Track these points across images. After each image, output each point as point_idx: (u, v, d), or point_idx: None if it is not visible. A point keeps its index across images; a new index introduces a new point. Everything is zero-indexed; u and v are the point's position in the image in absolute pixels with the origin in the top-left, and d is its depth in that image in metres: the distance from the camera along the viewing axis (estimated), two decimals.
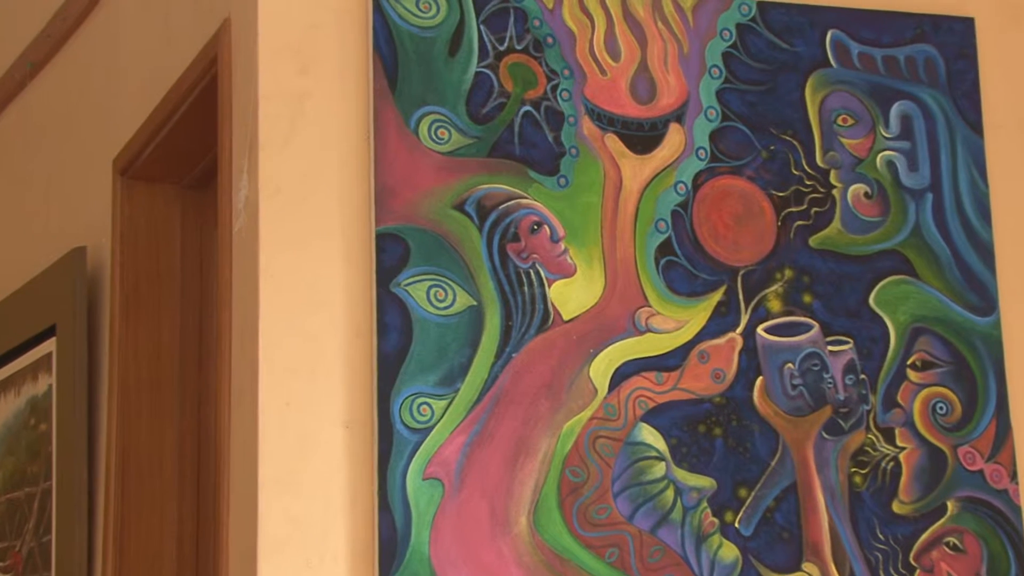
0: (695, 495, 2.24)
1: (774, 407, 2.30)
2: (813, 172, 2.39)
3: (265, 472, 2.10)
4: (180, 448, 2.78)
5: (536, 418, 2.18)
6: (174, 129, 2.63)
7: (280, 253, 2.17)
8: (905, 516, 2.32)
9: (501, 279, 2.21)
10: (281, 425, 2.12)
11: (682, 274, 2.29)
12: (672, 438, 2.24)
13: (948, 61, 2.48)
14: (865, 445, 2.33)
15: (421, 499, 2.12)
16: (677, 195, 2.32)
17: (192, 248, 2.84)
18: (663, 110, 2.34)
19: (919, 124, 2.44)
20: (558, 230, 2.25)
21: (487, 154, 2.24)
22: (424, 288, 2.18)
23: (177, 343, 2.80)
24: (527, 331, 2.20)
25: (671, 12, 2.37)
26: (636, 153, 2.31)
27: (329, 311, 2.17)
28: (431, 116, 2.23)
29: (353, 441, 2.13)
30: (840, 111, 2.41)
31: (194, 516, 2.76)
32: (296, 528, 2.10)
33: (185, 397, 2.79)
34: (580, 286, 2.24)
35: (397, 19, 2.24)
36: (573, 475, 2.18)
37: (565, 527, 2.17)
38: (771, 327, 2.32)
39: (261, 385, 2.13)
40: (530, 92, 2.28)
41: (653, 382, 2.25)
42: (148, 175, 2.81)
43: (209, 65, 2.42)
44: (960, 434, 2.37)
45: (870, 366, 2.35)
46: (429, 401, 2.14)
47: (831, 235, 2.38)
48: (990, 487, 2.36)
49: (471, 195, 2.22)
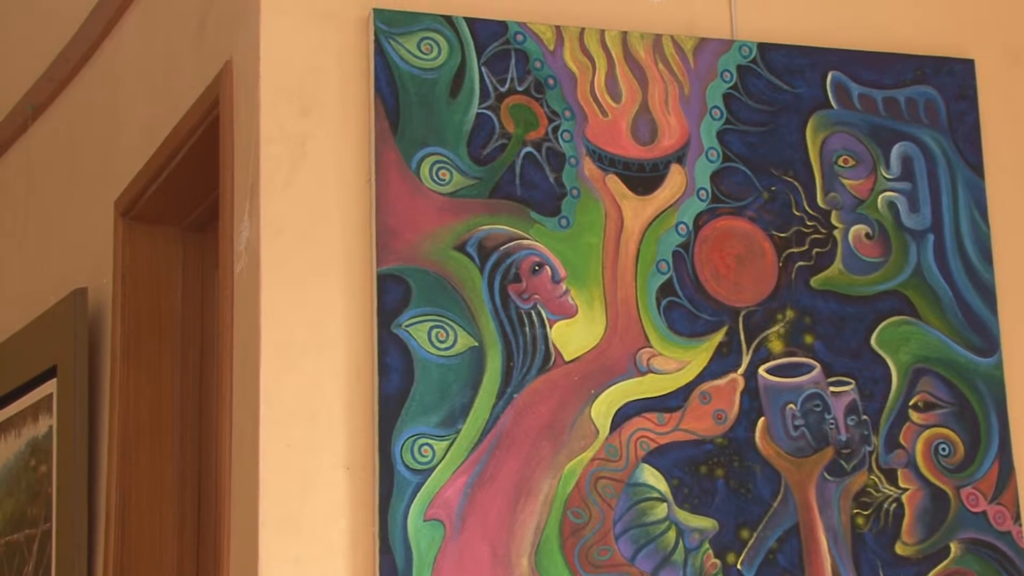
0: (697, 536, 2.23)
1: (776, 448, 2.30)
2: (814, 213, 2.39)
3: (266, 514, 2.10)
4: (180, 490, 2.77)
5: (537, 459, 2.18)
6: (176, 171, 2.64)
7: (281, 294, 2.17)
8: (908, 558, 2.32)
9: (502, 320, 2.21)
10: (282, 467, 2.12)
11: (683, 315, 2.29)
12: (674, 479, 2.24)
13: (949, 102, 2.49)
14: (867, 486, 2.32)
15: (422, 541, 2.11)
16: (678, 236, 2.33)
17: (193, 289, 2.84)
18: (664, 151, 2.34)
19: (920, 165, 2.45)
20: (559, 271, 2.25)
21: (488, 195, 2.25)
22: (425, 329, 2.17)
23: (178, 384, 2.80)
24: (528, 372, 2.20)
25: (672, 53, 2.37)
26: (637, 194, 2.32)
27: (330, 352, 2.17)
28: (432, 157, 2.23)
29: (354, 482, 2.13)
30: (841, 152, 2.42)
31: (194, 558, 2.75)
32: (297, 570, 2.09)
33: (185, 438, 2.79)
34: (581, 327, 2.24)
35: (398, 61, 2.25)
36: (575, 516, 2.18)
37: (567, 568, 2.16)
38: (773, 368, 2.32)
39: (262, 427, 2.12)
40: (531, 133, 2.29)
41: (655, 423, 2.24)
42: (150, 216, 2.81)
43: (211, 107, 2.43)
44: (963, 475, 2.37)
45: (872, 407, 2.35)
46: (430, 442, 2.14)
47: (832, 276, 2.38)
48: (993, 529, 2.36)
49: (472, 236, 2.23)
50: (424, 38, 2.26)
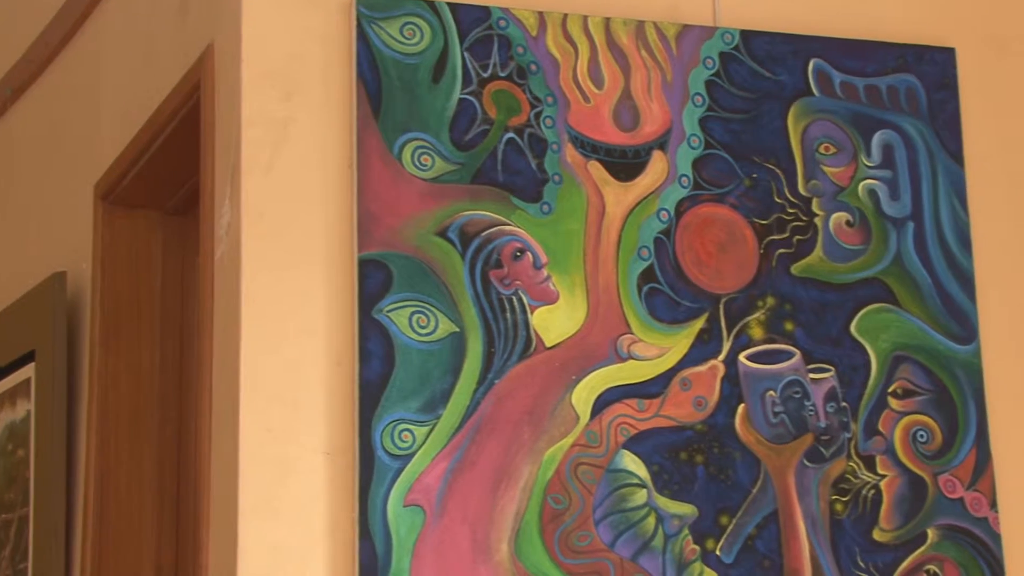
0: (676, 522, 2.23)
1: (756, 434, 2.30)
2: (795, 200, 2.39)
3: (245, 499, 2.09)
4: (159, 475, 2.76)
5: (518, 445, 2.18)
6: (156, 154, 2.63)
7: (262, 279, 2.16)
8: (886, 544, 2.32)
9: (484, 305, 2.21)
10: (262, 452, 2.11)
11: (664, 301, 2.29)
12: (654, 465, 2.24)
13: (929, 91, 2.49)
14: (846, 473, 2.33)
15: (402, 526, 2.11)
16: (660, 222, 2.32)
17: (173, 274, 2.83)
18: (646, 138, 2.34)
19: (901, 153, 2.45)
20: (541, 257, 2.25)
21: (470, 181, 2.24)
22: (406, 314, 2.17)
23: (157, 369, 2.79)
24: (509, 358, 2.20)
25: (654, 40, 2.37)
26: (619, 180, 2.31)
27: (311, 337, 2.16)
28: (414, 142, 2.23)
29: (334, 468, 2.13)
30: (822, 140, 2.42)
31: (173, 543, 2.74)
32: (276, 555, 2.09)
33: (165, 423, 2.78)
34: (562, 313, 2.24)
35: (381, 46, 2.24)
36: (555, 502, 2.18)
37: (547, 554, 2.16)
38: (753, 355, 2.32)
39: (242, 412, 2.12)
40: (513, 119, 2.28)
41: (635, 409, 2.25)
42: (130, 200, 2.80)
43: (192, 91, 2.42)
44: (940, 462, 2.38)
45: (851, 394, 2.35)
46: (411, 427, 2.14)
47: (813, 263, 2.38)
48: (970, 515, 2.37)
49: (454, 221, 2.22)
50: (407, 23, 2.26)
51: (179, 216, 2.85)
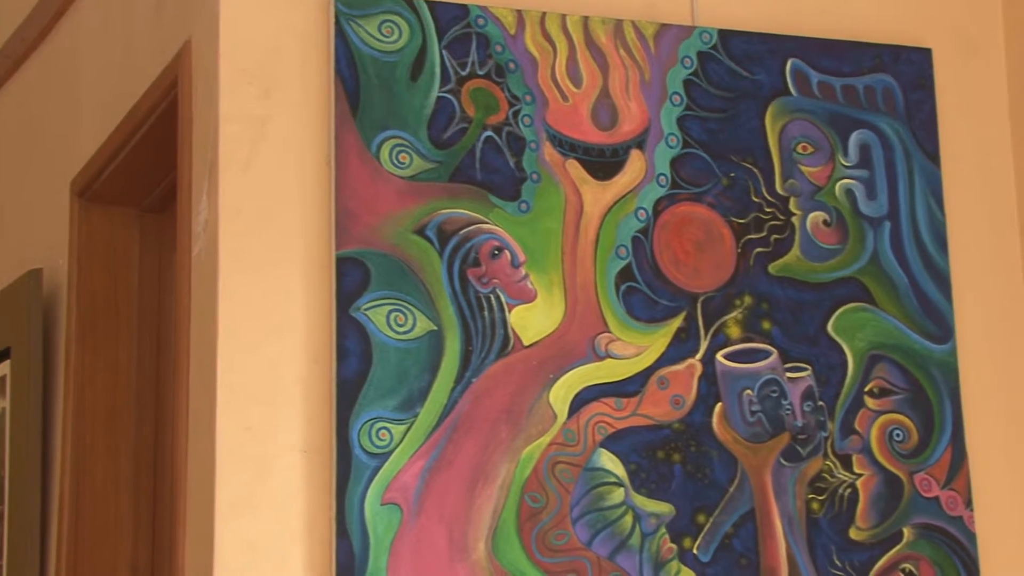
0: (654, 521, 2.24)
1: (733, 433, 2.30)
2: (773, 199, 2.40)
3: (222, 497, 2.09)
4: (136, 473, 2.76)
5: (495, 443, 2.18)
6: (133, 151, 2.62)
7: (239, 277, 2.16)
8: (862, 543, 2.33)
9: (461, 304, 2.21)
10: (239, 450, 2.11)
11: (642, 300, 2.30)
12: (631, 464, 2.24)
13: (906, 91, 2.49)
14: (823, 471, 2.33)
15: (379, 524, 2.11)
16: (638, 221, 2.33)
17: (150, 271, 2.82)
18: (624, 136, 2.34)
19: (877, 153, 2.46)
20: (519, 255, 2.25)
21: (448, 179, 2.24)
22: (384, 313, 2.17)
23: (134, 367, 2.78)
24: (487, 356, 2.20)
25: (633, 39, 2.37)
26: (597, 179, 2.31)
27: (289, 335, 2.16)
28: (392, 140, 2.23)
29: (311, 466, 2.12)
30: (800, 139, 2.43)
31: (149, 541, 2.74)
32: (253, 554, 2.09)
33: (142, 421, 2.77)
34: (540, 311, 2.24)
35: (359, 43, 2.24)
36: (532, 500, 2.18)
37: (524, 553, 2.16)
38: (730, 353, 2.32)
39: (219, 410, 2.11)
40: (492, 117, 2.28)
41: (612, 408, 2.25)
42: (106, 197, 2.79)
43: (169, 87, 2.41)
44: (916, 461, 2.38)
45: (828, 393, 2.36)
46: (388, 426, 2.14)
47: (790, 262, 2.38)
48: (946, 514, 2.37)
49: (432, 220, 2.22)
50: (385, 20, 2.25)
51: (156, 213, 2.84)
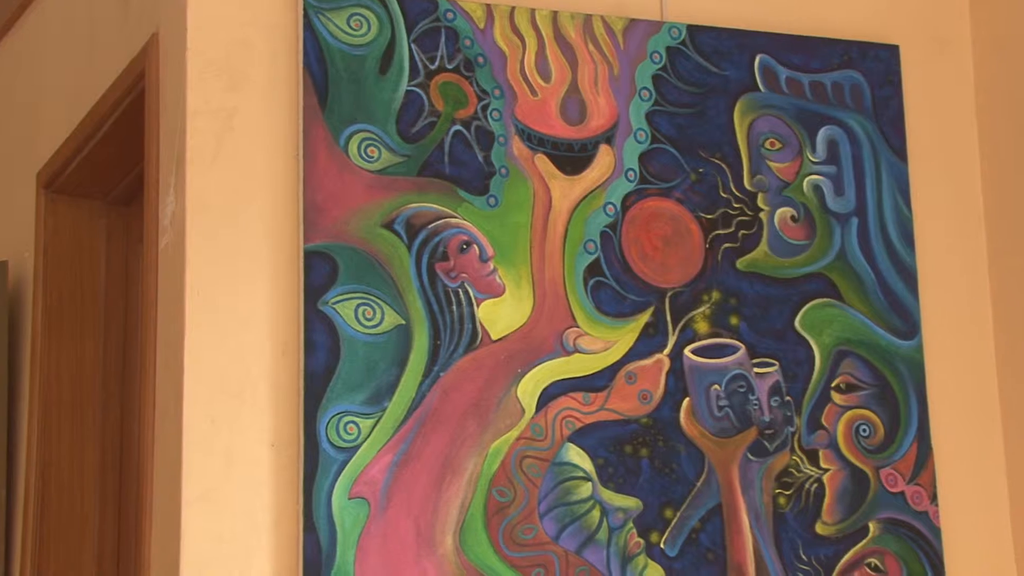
0: (621, 515, 2.24)
1: (700, 428, 2.31)
2: (741, 195, 2.40)
3: (189, 490, 2.09)
4: (102, 466, 2.75)
5: (463, 438, 2.18)
6: (100, 143, 2.61)
7: (207, 270, 2.15)
8: (828, 537, 2.34)
9: (430, 298, 2.20)
10: (206, 443, 2.11)
11: (610, 295, 2.30)
12: (599, 458, 2.24)
13: (874, 87, 2.50)
14: (789, 466, 2.34)
15: (347, 519, 2.10)
16: (606, 216, 2.33)
17: (117, 264, 2.82)
18: (593, 131, 2.34)
19: (845, 149, 2.46)
20: (487, 250, 2.25)
21: (417, 173, 2.24)
22: (352, 306, 2.17)
23: (100, 360, 2.78)
24: (455, 350, 2.20)
25: (602, 34, 2.37)
26: (566, 174, 2.32)
27: (256, 328, 2.16)
28: (361, 134, 2.22)
29: (279, 459, 2.12)
30: (768, 135, 2.43)
31: (115, 534, 2.73)
32: (220, 547, 2.09)
33: (108, 414, 2.77)
34: (509, 306, 2.24)
35: (328, 36, 2.23)
36: (500, 495, 2.18)
37: (491, 547, 2.16)
38: (698, 349, 2.33)
39: (186, 403, 2.11)
40: (460, 111, 2.28)
41: (580, 402, 2.25)
42: (73, 189, 2.78)
43: (136, 79, 2.40)
44: (882, 456, 2.39)
45: (795, 388, 2.37)
46: (356, 420, 2.13)
47: (758, 258, 2.39)
48: (911, 509, 2.39)
49: (400, 214, 2.22)
50: (354, 14, 2.25)
51: (123, 206, 2.83)
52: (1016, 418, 2.48)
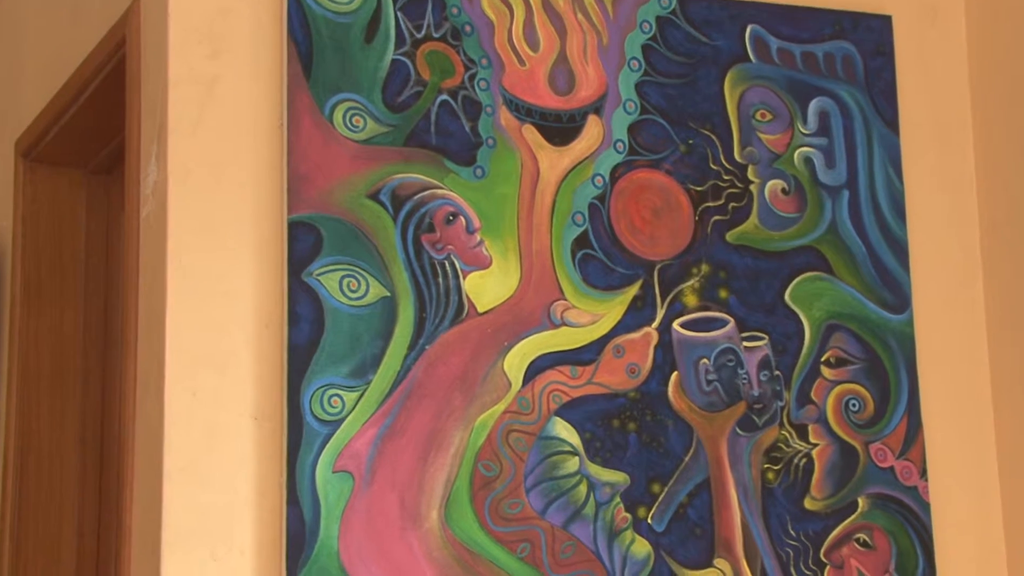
0: (608, 490, 2.23)
1: (688, 402, 2.30)
2: (731, 167, 2.39)
3: (171, 463, 2.08)
4: (82, 438, 2.75)
5: (449, 411, 2.17)
6: (80, 111, 2.60)
7: (189, 240, 2.14)
8: (816, 512, 2.34)
9: (415, 270, 2.19)
10: (188, 416, 2.09)
11: (598, 268, 2.29)
12: (586, 432, 2.24)
13: (866, 58, 2.49)
14: (778, 441, 2.34)
15: (331, 492, 2.10)
16: (594, 188, 2.31)
17: (97, 234, 2.81)
18: (582, 102, 2.33)
19: (837, 121, 2.46)
20: (474, 221, 2.24)
21: (403, 143, 2.22)
22: (337, 278, 2.15)
23: (80, 331, 2.77)
24: (441, 323, 2.19)
25: (591, 3, 2.36)
26: (554, 145, 2.30)
27: (239, 300, 2.14)
28: (346, 103, 2.20)
29: (262, 433, 2.11)
30: (759, 106, 2.42)
31: (96, 507, 2.73)
32: (202, 520, 2.08)
33: (88, 386, 2.77)
34: (495, 278, 2.23)
35: (312, 3, 2.21)
36: (485, 469, 2.18)
37: (477, 522, 2.16)
38: (687, 322, 2.32)
39: (167, 375, 2.10)
40: (447, 81, 2.26)
41: (568, 376, 2.24)
42: (52, 158, 2.78)
43: (117, 46, 2.38)
44: (872, 431, 2.39)
45: (785, 362, 2.36)
46: (340, 393, 2.12)
47: (748, 231, 2.38)
48: (900, 484, 2.39)
49: (386, 184, 2.20)
50: None
51: (103, 175, 2.82)
52: (1006, 393, 2.48)
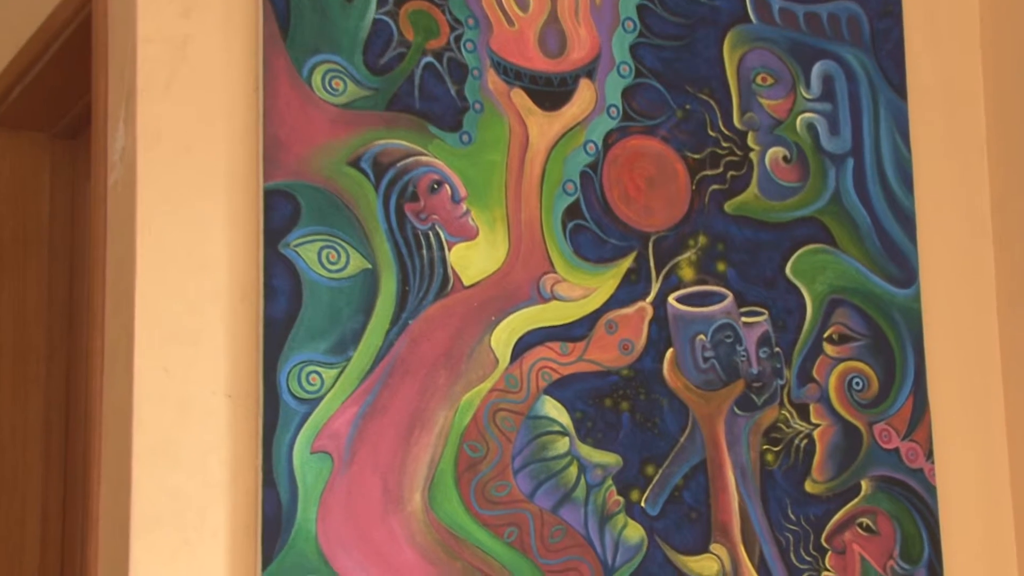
0: (600, 472, 2.21)
1: (684, 380, 2.28)
2: (730, 134, 2.38)
3: (140, 443, 2.04)
4: (47, 418, 2.74)
5: (433, 389, 2.15)
6: (43, 72, 2.58)
7: (159, 209, 2.10)
8: (818, 496, 2.33)
9: (398, 241, 2.16)
10: (158, 393, 2.06)
11: (590, 239, 2.26)
12: (577, 412, 2.22)
13: (872, 19, 2.48)
14: (778, 421, 2.33)
15: (308, 474, 2.07)
16: (587, 155, 2.29)
17: (62, 201, 2.79)
18: (573, 64, 2.30)
19: (841, 85, 2.45)
20: (459, 190, 2.21)
21: (385, 107, 2.19)
22: (315, 249, 2.12)
23: (45, 304, 2.75)
24: (425, 297, 2.16)
25: None
26: (544, 110, 2.27)
27: (213, 272, 2.11)
28: (325, 65, 2.17)
29: (236, 411, 2.09)
30: (759, 70, 2.40)
31: (61, 491, 2.72)
32: (173, 504, 2.05)
33: (53, 363, 2.74)
34: (482, 250, 2.21)
35: None
36: (471, 450, 2.15)
37: (462, 505, 2.13)
38: (683, 296, 2.30)
39: (137, 351, 2.06)
40: (432, 42, 2.23)
41: (558, 353, 2.22)
42: (13, 121, 2.76)
43: (83, 2, 2.35)
44: (876, 411, 2.39)
45: (785, 339, 2.35)
46: (319, 370, 2.09)
47: (747, 201, 2.37)
48: (905, 466, 2.38)
49: (367, 151, 2.17)
50: None
51: (69, 139, 2.81)
52: (1018, 372, 2.47)
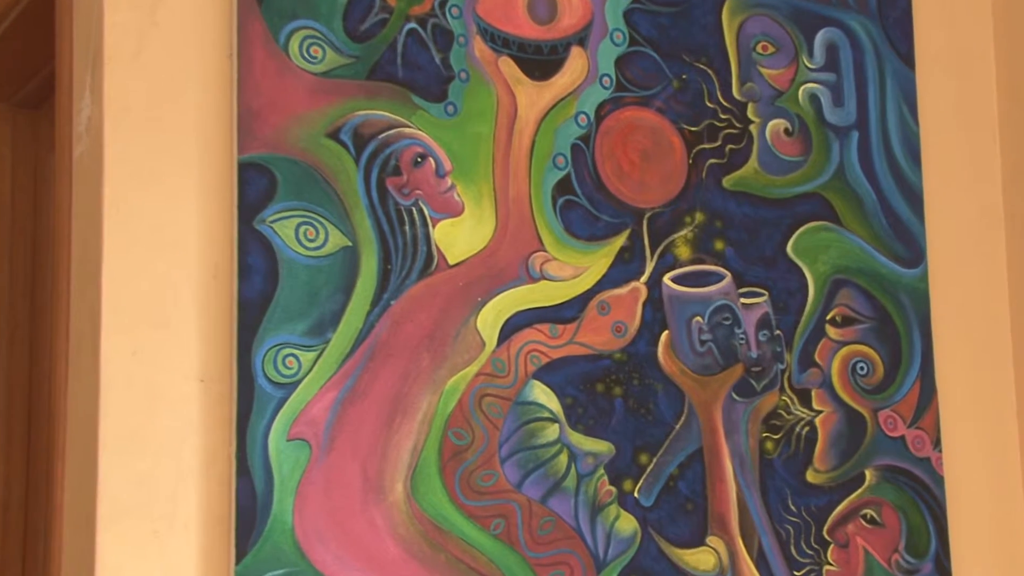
0: (591, 461, 2.19)
1: (680, 365, 2.26)
2: (729, 105, 2.35)
3: (108, 430, 2.00)
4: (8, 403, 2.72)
5: (416, 373, 2.11)
6: (3, 38, 2.56)
7: (127, 182, 2.06)
8: (820, 486, 2.31)
9: (379, 217, 2.13)
10: (127, 378, 2.02)
11: (582, 216, 2.23)
12: (567, 398, 2.18)
13: None
14: (778, 408, 2.30)
15: (285, 462, 2.03)
16: (578, 127, 2.26)
17: (24, 174, 2.79)
18: (564, 32, 2.27)
19: (846, 54, 2.42)
20: (444, 163, 2.17)
21: (366, 76, 2.15)
22: (292, 226, 2.08)
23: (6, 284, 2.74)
24: (408, 276, 2.13)
25: None
26: (533, 79, 2.24)
27: (184, 250, 2.07)
28: (303, 31, 2.13)
29: (209, 396, 2.05)
30: (760, 38, 2.37)
31: (23, 479, 2.72)
32: (142, 493, 2.01)
33: (15, 346, 2.73)
34: (468, 227, 2.17)
35: None
36: (456, 437, 2.12)
37: (446, 495, 2.10)
38: (679, 276, 2.28)
39: (104, 333, 2.02)
40: (416, 8, 2.19)
41: (547, 335, 2.19)
42: None
43: None
44: (881, 397, 2.36)
45: (786, 321, 2.33)
46: (296, 352, 2.06)
47: (747, 176, 2.34)
48: (911, 455, 2.36)
49: (347, 122, 2.13)
50: None
51: (31, 109, 2.80)
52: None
